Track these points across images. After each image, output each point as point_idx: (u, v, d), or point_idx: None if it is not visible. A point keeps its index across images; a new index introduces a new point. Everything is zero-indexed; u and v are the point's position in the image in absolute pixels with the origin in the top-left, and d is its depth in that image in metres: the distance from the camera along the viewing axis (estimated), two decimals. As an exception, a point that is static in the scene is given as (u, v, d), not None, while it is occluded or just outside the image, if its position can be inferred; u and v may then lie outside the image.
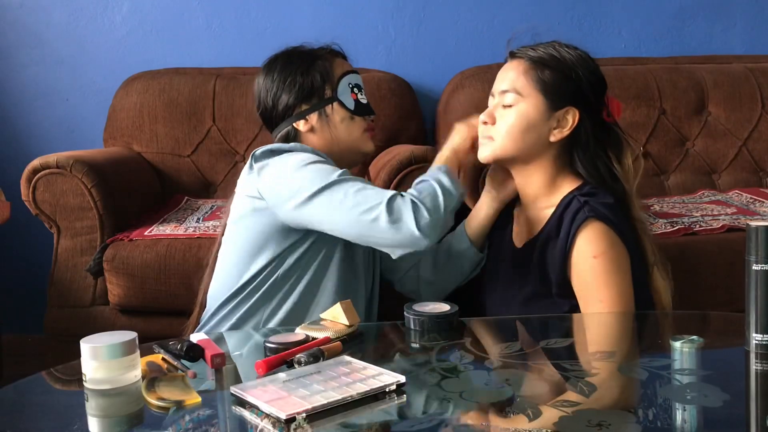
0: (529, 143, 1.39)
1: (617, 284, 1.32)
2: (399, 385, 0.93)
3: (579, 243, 1.32)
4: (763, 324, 1.02)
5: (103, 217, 1.98)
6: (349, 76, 1.53)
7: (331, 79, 1.51)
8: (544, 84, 1.38)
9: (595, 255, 1.31)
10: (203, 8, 2.64)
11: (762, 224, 1.01)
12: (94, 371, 0.96)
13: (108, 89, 2.53)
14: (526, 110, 1.38)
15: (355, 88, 1.53)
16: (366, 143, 1.54)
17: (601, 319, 1.32)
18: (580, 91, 1.40)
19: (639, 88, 2.56)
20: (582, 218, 1.32)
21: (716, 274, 1.86)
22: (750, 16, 2.80)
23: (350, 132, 1.51)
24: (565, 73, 1.39)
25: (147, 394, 0.94)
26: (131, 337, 0.98)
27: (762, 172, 2.58)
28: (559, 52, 1.40)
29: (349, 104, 1.51)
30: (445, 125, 2.55)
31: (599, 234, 1.32)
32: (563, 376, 0.99)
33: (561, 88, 1.38)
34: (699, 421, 0.87)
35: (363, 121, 1.53)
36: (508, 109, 1.40)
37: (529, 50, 1.42)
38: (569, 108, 1.39)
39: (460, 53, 2.69)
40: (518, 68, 1.41)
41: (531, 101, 1.38)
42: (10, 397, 1.00)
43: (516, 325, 1.33)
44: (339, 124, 1.50)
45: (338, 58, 1.57)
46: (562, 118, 1.39)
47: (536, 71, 1.39)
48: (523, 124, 1.38)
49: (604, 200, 1.36)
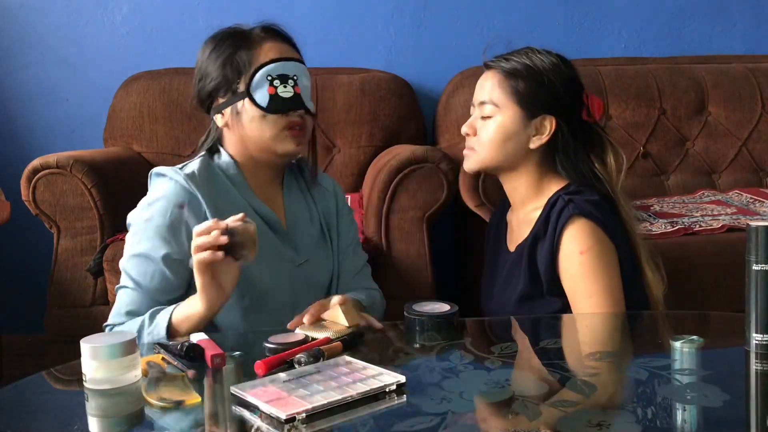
0: (510, 152, 1.44)
1: (605, 279, 1.34)
2: (399, 385, 0.93)
3: (565, 240, 1.35)
4: (763, 324, 1.02)
5: (103, 217, 1.98)
6: (270, 67, 1.34)
7: (246, 71, 1.34)
8: (519, 94, 1.42)
9: (581, 251, 1.34)
10: (203, 8, 2.64)
11: (762, 224, 1.01)
12: (94, 371, 0.96)
13: (108, 89, 2.53)
14: (503, 121, 1.43)
15: (276, 80, 1.34)
16: (282, 143, 1.36)
17: (600, 318, 1.32)
18: (554, 97, 1.43)
19: (639, 88, 2.56)
20: (567, 216, 1.35)
21: (716, 274, 1.86)
22: (750, 16, 2.80)
23: (262, 131, 1.35)
24: (538, 81, 1.42)
25: (147, 394, 0.94)
26: (131, 337, 0.99)
27: (762, 172, 2.58)
28: (531, 60, 1.43)
29: (261, 100, 1.33)
30: (445, 125, 2.55)
31: (584, 230, 1.35)
32: (563, 375, 0.99)
33: (535, 97, 1.42)
34: (699, 421, 0.87)
35: (279, 119, 1.34)
36: (487, 120, 1.44)
37: (502, 61, 1.45)
38: (545, 116, 1.43)
39: (460, 53, 2.69)
40: (493, 79, 1.45)
41: (507, 112, 1.43)
42: (10, 397, 1.00)
43: (516, 325, 1.33)
44: (248, 122, 1.35)
45: (269, 42, 1.38)
46: (540, 126, 1.43)
47: (510, 82, 1.43)
48: (502, 135, 1.43)
49: (589, 197, 1.38)
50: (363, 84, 2.52)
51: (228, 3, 2.64)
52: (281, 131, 1.36)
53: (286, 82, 1.35)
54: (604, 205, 1.39)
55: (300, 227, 1.46)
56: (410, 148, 2.04)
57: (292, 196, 1.48)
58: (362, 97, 2.49)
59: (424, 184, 1.95)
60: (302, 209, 1.49)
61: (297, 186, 1.51)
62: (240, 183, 1.40)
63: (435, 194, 1.96)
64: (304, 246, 1.44)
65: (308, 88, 1.39)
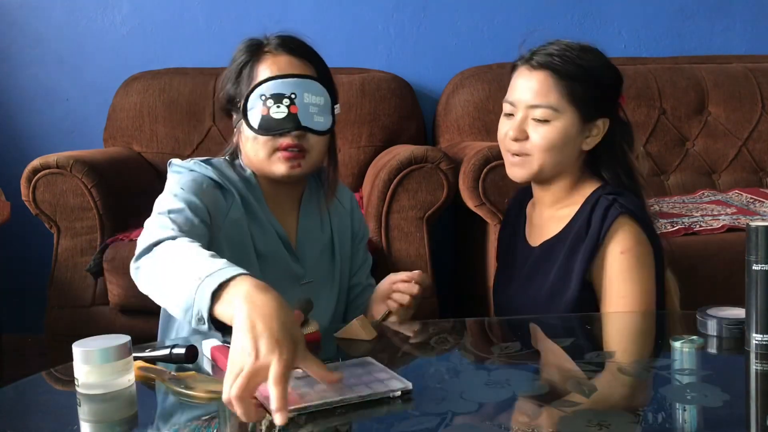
0: (567, 156, 1.39)
1: (641, 281, 1.32)
2: (405, 392, 0.91)
3: (610, 239, 1.33)
4: (763, 324, 1.02)
5: (103, 217, 1.98)
6: (263, 86, 1.29)
7: (245, 90, 1.31)
8: (577, 98, 1.36)
9: (622, 251, 1.32)
10: (203, 8, 2.64)
11: (762, 224, 1.01)
12: (86, 375, 0.94)
13: (108, 89, 2.53)
14: (564, 126, 1.36)
15: (269, 99, 1.28)
16: (274, 166, 1.30)
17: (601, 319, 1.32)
18: (605, 95, 1.40)
19: (639, 88, 2.56)
20: (614, 215, 1.33)
21: (716, 274, 1.86)
22: (750, 16, 2.80)
23: (255, 152, 1.31)
24: (596, 83, 1.37)
25: (193, 390, 0.93)
26: (124, 340, 0.96)
27: (762, 172, 2.58)
28: (583, 61, 1.37)
29: (253, 121, 1.29)
30: (445, 125, 2.55)
31: (629, 230, 1.33)
32: (564, 376, 0.99)
33: (593, 100, 1.37)
34: (699, 421, 0.87)
35: (270, 141, 1.29)
36: (542, 124, 1.36)
37: (552, 59, 1.36)
38: (600, 117, 1.39)
39: (460, 53, 2.69)
40: (547, 81, 1.36)
41: (567, 116, 1.36)
42: (10, 397, 1.00)
43: (516, 325, 1.33)
44: (245, 141, 1.32)
45: (273, 57, 1.32)
46: (594, 127, 1.39)
47: (566, 83, 1.35)
48: (563, 140, 1.36)
49: (633, 200, 1.37)
50: (363, 84, 2.52)
51: (228, 3, 2.64)
52: (273, 153, 1.30)
53: (280, 102, 1.28)
54: (644, 207, 1.38)
55: (310, 248, 1.41)
56: (410, 148, 2.04)
57: (308, 214, 1.43)
58: (362, 97, 2.49)
59: (424, 184, 1.95)
60: (315, 229, 1.43)
61: (316, 202, 1.44)
62: (257, 194, 1.36)
63: (435, 194, 1.96)
64: (311, 267, 1.41)
65: (315, 104, 1.31)
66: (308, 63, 1.34)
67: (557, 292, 1.37)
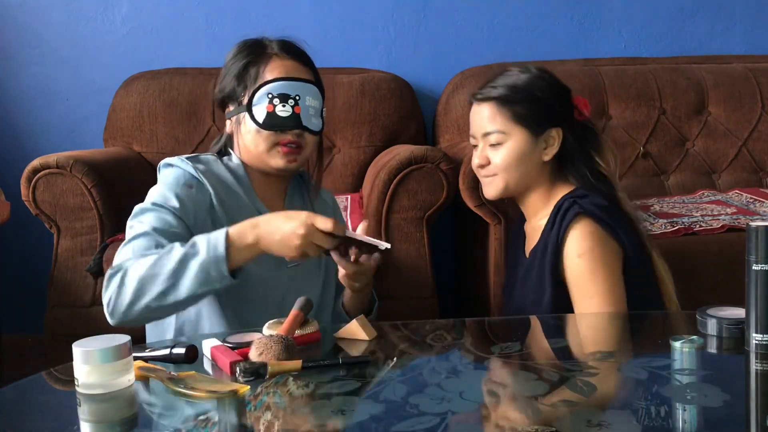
0: (529, 170, 1.48)
1: (605, 280, 1.37)
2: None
3: (568, 240, 1.39)
4: (763, 324, 1.02)
5: (103, 217, 1.98)
6: (271, 85, 1.39)
7: (251, 86, 1.41)
8: (520, 117, 1.47)
9: (580, 254, 1.38)
10: (203, 8, 2.64)
11: (762, 224, 1.01)
12: (86, 375, 0.94)
13: (108, 89, 2.53)
14: (514, 145, 1.47)
15: (276, 98, 1.39)
16: (273, 159, 1.42)
17: (600, 318, 1.33)
18: (551, 109, 1.48)
19: (639, 88, 2.56)
20: (572, 215, 1.39)
21: (716, 274, 1.86)
22: (750, 16, 2.80)
23: (256, 145, 1.41)
24: (532, 98, 1.47)
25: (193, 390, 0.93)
26: (124, 340, 0.96)
27: (762, 172, 2.58)
28: (516, 81, 1.48)
29: (258, 116, 1.39)
30: (445, 125, 2.55)
31: (586, 231, 1.38)
32: (563, 376, 0.99)
33: (535, 115, 1.47)
34: (699, 421, 0.87)
35: (273, 136, 1.40)
36: (497, 147, 1.48)
37: (489, 90, 1.49)
38: (550, 128, 1.47)
39: (460, 53, 2.69)
40: (489, 110, 1.49)
41: (517, 135, 1.47)
42: (10, 397, 1.00)
43: (516, 325, 1.33)
44: (245, 133, 1.42)
45: (279, 60, 1.43)
46: (548, 138, 1.48)
47: (506, 108, 1.47)
48: (518, 157, 1.47)
49: (596, 200, 1.42)
50: (363, 84, 2.52)
51: (228, 3, 2.64)
52: (274, 147, 1.41)
53: (285, 102, 1.39)
54: (611, 208, 1.42)
55: None
56: (410, 148, 2.04)
57: (293, 205, 1.52)
58: (362, 97, 2.49)
59: (424, 184, 1.95)
60: None
61: (300, 196, 1.56)
62: (245, 184, 1.45)
63: (435, 194, 1.96)
64: None
65: (314, 107, 1.43)
66: (309, 69, 1.46)
67: (538, 296, 1.43)
